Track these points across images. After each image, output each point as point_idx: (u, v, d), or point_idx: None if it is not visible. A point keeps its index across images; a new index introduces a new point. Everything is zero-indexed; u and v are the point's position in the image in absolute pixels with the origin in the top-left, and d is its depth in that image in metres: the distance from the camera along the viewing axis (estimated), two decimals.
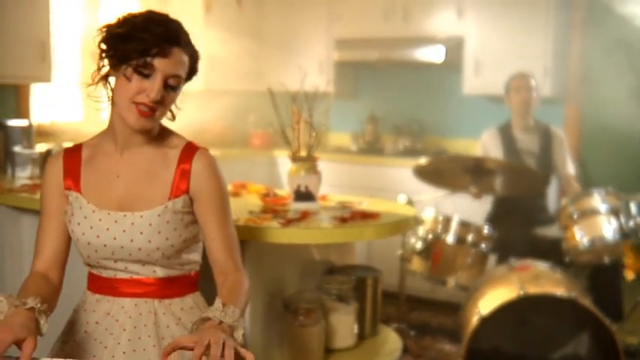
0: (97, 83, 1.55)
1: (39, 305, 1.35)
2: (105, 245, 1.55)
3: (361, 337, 2.59)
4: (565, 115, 4.47)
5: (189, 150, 1.60)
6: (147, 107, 1.47)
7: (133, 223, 1.54)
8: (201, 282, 1.69)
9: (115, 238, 1.54)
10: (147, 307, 1.59)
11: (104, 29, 1.50)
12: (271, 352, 2.42)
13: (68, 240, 1.62)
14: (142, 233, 1.54)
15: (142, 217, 1.55)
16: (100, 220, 1.55)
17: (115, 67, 1.49)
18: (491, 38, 4.41)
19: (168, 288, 1.61)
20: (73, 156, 1.62)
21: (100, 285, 1.61)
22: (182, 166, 1.58)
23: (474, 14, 4.46)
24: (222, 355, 1.22)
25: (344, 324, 2.48)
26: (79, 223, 1.56)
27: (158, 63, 1.46)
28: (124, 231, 1.54)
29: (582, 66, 4.37)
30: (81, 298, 1.66)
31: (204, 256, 1.66)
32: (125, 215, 1.55)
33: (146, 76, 1.46)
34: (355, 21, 4.89)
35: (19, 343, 1.26)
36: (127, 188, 1.58)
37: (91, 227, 1.55)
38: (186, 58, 1.51)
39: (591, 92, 4.25)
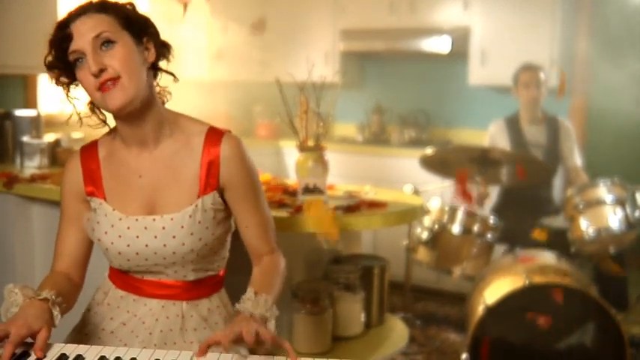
0: (88, 110, 1.52)
1: (53, 297, 1.34)
2: (137, 253, 1.49)
3: (368, 325, 2.61)
4: (571, 105, 4.47)
5: (214, 137, 1.50)
6: (105, 82, 1.37)
7: (164, 228, 1.47)
8: (225, 276, 1.68)
9: (146, 245, 1.48)
10: (174, 310, 1.55)
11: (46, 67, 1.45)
12: None
13: (89, 244, 1.57)
14: (174, 237, 1.47)
15: (172, 219, 1.47)
16: (128, 228, 1.48)
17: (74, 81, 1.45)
18: (497, 29, 4.40)
19: (196, 289, 1.56)
20: (90, 157, 1.55)
21: (124, 282, 1.57)
22: (209, 157, 1.49)
23: (480, 5, 4.45)
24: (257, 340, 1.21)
25: (351, 312, 2.50)
26: (106, 232, 1.49)
27: (74, 45, 1.37)
28: (156, 237, 1.47)
29: (589, 56, 4.36)
30: (101, 287, 1.62)
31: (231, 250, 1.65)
32: (154, 220, 1.48)
33: (80, 62, 1.39)
34: (361, 11, 4.89)
35: (33, 335, 1.26)
36: (152, 189, 1.50)
37: (120, 236, 1.48)
38: (101, 16, 1.39)
39: (597, 83, 4.24)
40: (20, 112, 3.42)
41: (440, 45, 4.55)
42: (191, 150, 1.50)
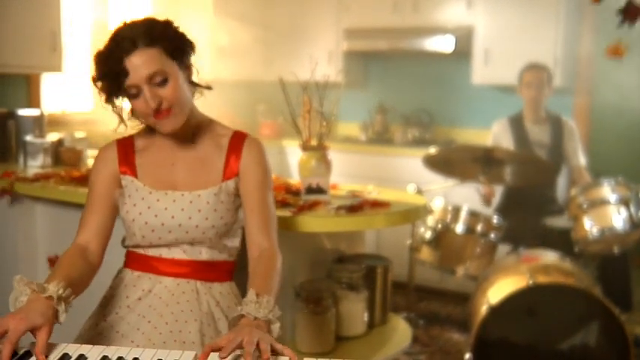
0: (129, 115, 1.65)
1: (61, 291, 1.35)
2: (163, 224, 1.63)
3: (371, 325, 2.60)
4: (575, 104, 4.46)
5: (239, 137, 1.71)
6: (159, 112, 1.55)
7: (191, 202, 1.63)
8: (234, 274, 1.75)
9: (173, 217, 1.62)
10: (189, 286, 1.66)
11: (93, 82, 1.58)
12: (282, 339, 2.43)
13: (113, 218, 1.68)
14: (200, 211, 1.62)
15: (199, 195, 1.63)
16: (157, 200, 1.64)
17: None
18: (500, 28, 4.39)
19: (208, 272, 1.68)
20: (126, 145, 1.70)
21: (140, 263, 1.69)
22: (233, 152, 1.68)
23: (483, 3, 4.44)
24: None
25: (354, 312, 2.49)
26: (135, 204, 1.64)
27: (130, 80, 1.51)
28: (183, 209, 1.63)
29: (592, 56, 4.35)
30: (119, 274, 1.73)
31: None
32: (183, 195, 1.64)
33: (136, 95, 1.53)
34: (364, 11, 4.88)
35: (34, 331, 1.27)
36: (182, 174, 1.67)
37: (149, 207, 1.63)
38: (151, 50, 1.52)
39: (601, 82, 4.23)
40: (23, 112, 3.42)
41: (443, 44, 4.54)
42: (219, 147, 1.69)
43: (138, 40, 1.51)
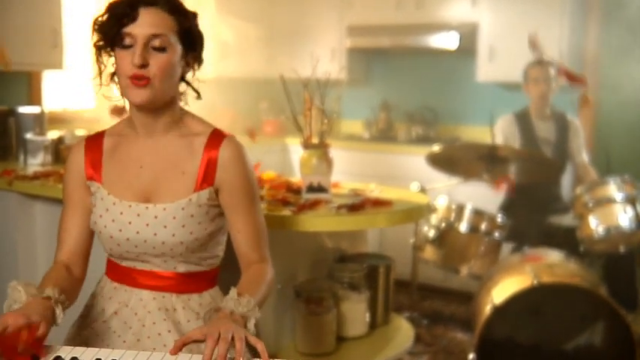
0: (108, 78, 1.52)
1: (57, 295, 1.34)
2: (127, 239, 1.51)
3: (373, 325, 2.58)
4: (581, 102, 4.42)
5: (216, 138, 1.53)
6: (138, 77, 1.42)
7: (156, 217, 1.49)
8: (221, 275, 1.66)
9: (137, 232, 1.50)
10: (165, 303, 1.55)
11: (92, 24, 1.48)
12: (283, 340, 2.42)
13: (91, 232, 1.59)
14: (165, 227, 1.49)
15: (165, 209, 1.49)
16: (121, 213, 1.51)
17: (109, 53, 1.49)
18: (505, 24, 4.35)
19: (187, 283, 1.56)
20: (94, 145, 1.58)
21: (118, 273, 1.59)
22: (208, 155, 1.51)
23: (487, 0, 4.40)
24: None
25: (356, 312, 2.47)
26: (101, 215, 1.52)
27: (132, 29, 1.41)
28: (147, 225, 1.49)
29: (599, 52, 4.31)
30: (99, 283, 1.65)
31: (228, 248, 1.63)
32: (147, 208, 1.50)
33: (128, 47, 1.42)
34: (368, 7, 4.86)
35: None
36: (150, 179, 1.53)
37: (113, 220, 1.51)
38: (167, 17, 1.44)
39: (607, 79, 4.19)
40: (24, 109, 3.42)
41: (447, 41, 4.51)
42: (193, 148, 1.53)
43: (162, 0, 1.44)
